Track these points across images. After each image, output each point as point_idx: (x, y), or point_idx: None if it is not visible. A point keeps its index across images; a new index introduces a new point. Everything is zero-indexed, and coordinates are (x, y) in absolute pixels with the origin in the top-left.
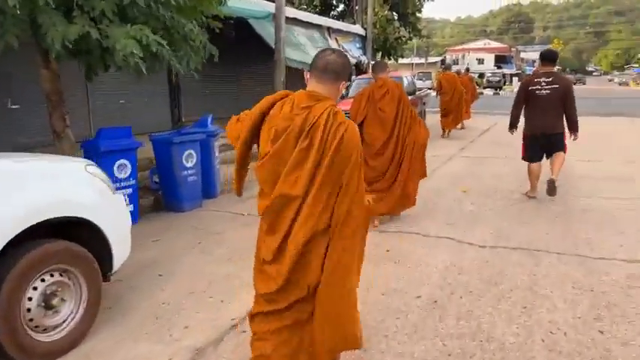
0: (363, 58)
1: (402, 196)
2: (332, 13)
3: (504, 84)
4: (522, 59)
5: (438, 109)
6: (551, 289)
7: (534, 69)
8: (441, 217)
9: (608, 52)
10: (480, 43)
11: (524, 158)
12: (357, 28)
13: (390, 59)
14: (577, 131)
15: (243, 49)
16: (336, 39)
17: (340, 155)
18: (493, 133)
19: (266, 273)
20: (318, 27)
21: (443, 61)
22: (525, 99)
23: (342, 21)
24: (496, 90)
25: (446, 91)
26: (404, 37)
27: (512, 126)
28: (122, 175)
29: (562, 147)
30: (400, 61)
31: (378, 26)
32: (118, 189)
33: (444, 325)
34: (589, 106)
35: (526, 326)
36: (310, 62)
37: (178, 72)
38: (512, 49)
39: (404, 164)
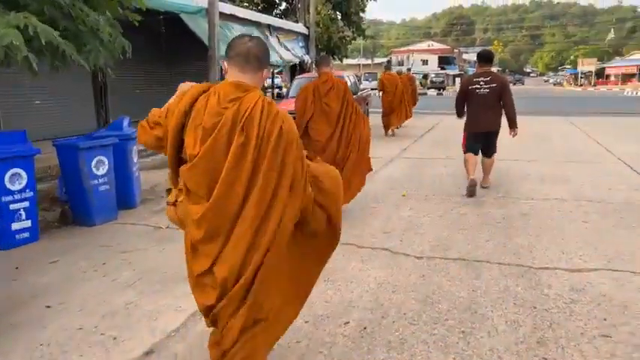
0: (307, 58)
1: (345, 192)
2: (275, 11)
3: (447, 85)
4: (465, 60)
5: (381, 109)
6: (491, 307)
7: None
8: (378, 225)
9: (543, 54)
10: (424, 45)
11: (464, 149)
12: (299, 27)
13: (334, 59)
14: (516, 127)
15: (176, 46)
16: (277, 37)
17: (281, 148)
18: (436, 133)
19: (205, 285)
20: (258, 24)
21: (389, 62)
22: (465, 97)
23: (285, 19)
24: (439, 90)
25: (388, 90)
26: (348, 36)
27: (460, 115)
28: (16, 187)
29: (495, 148)
30: (347, 61)
31: (321, 25)
32: (10, 202)
33: (371, 358)
34: (528, 105)
35: (464, 356)
36: (227, 50)
37: (104, 70)
38: (455, 50)
39: (350, 160)
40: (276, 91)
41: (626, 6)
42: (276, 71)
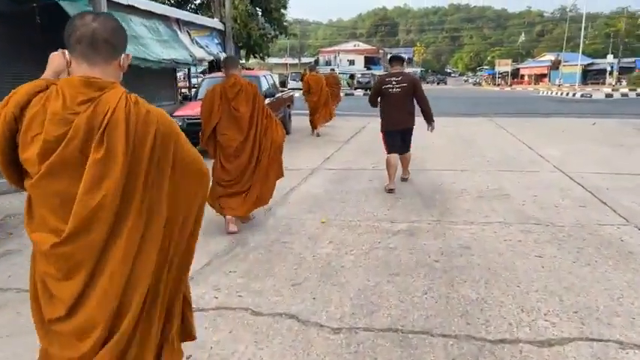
0: (222, 55)
1: (257, 200)
2: (190, 5)
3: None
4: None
5: (307, 110)
6: None
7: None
8: (286, 272)
9: (462, 55)
10: (350, 45)
11: (386, 150)
12: (214, 22)
13: (255, 57)
14: (433, 121)
15: (57, 39)
16: (188, 33)
17: (159, 157)
18: (362, 137)
19: (63, 334)
20: (165, 18)
21: (316, 62)
22: (379, 96)
23: (201, 15)
24: (366, 90)
25: (313, 91)
26: (269, 34)
27: (374, 105)
28: None
29: (409, 143)
30: (273, 60)
31: (239, 21)
32: None
33: None
34: (454, 106)
35: None
36: (65, 36)
37: None
38: (380, 51)
39: (261, 166)
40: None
41: (535, 10)
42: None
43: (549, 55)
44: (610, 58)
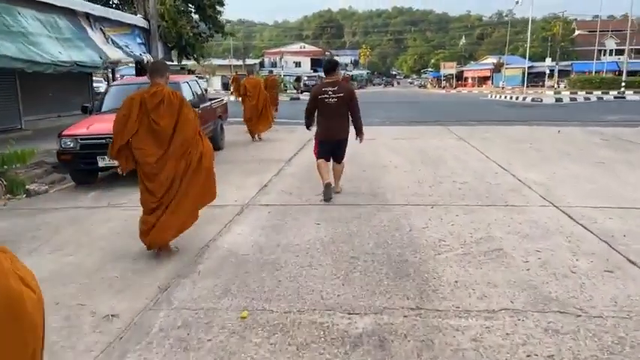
0: (147, 57)
1: (182, 224)
2: (112, 0)
3: None
4: None
5: (244, 117)
6: None
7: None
8: None
9: (407, 57)
10: (296, 47)
11: (315, 156)
12: (135, 19)
13: (188, 59)
14: (362, 134)
15: None
16: (102, 30)
17: None
18: (308, 153)
19: None
20: (69, 12)
21: (261, 63)
22: (315, 107)
23: (125, 11)
24: None
25: (251, 95)
26: (203, 33)
27: (309, 125)
28: None
29: (344, 154)
30: (217, 62)
31: (167, 18)
32: None
33: None
34: (402, 111)
35: None
36: (38, 60)
37: None
38: (327, 52)
39: (185, 186)
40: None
41: (474, 15)
42: (122, 73)
43: (491, 58)
44: (548, 61)
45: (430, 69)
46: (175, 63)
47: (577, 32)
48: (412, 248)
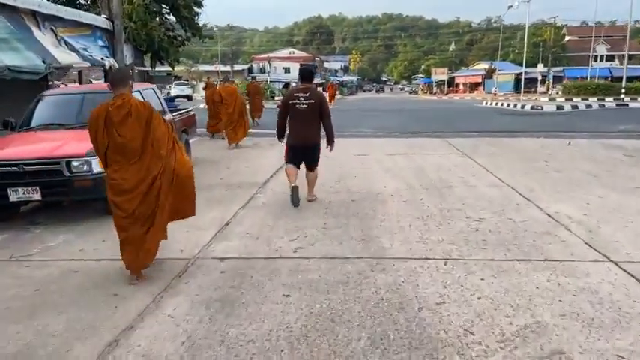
0: (109, 61)
1: (151, 248)
2: (79, 1)
3: None
4: (326, 69)
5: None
6: None
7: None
8: None
9: (397, 63)
10: (285, 52)
11: (285, 160)
12: (94, 18)
13: (162, 64)
14: (333, 142)
15: None
16: (53, 30)
17: None
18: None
19: None
20: (9, 8)
21: (250, 69)
22: (287, 112)
23: (88, 11)
24: None
25: (228, 102)
26: (179, 36)
27: (280, 137)
28: None
29: (317, 160)
30: (204, 67)
31: (135, 19)
32: None
33: None
34: (395, 120)
35: None
36: None
37: None
38: (317, 58)
39: (161, 204)
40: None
41: (463, 21)
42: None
43: (483, 64)
44: (540, 67)
45: (421, 75)
46: (148, 69)
47: (567, 38)
48: (426, 350)
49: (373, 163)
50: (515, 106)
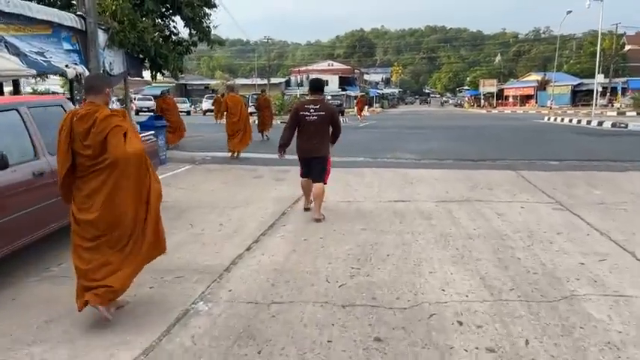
0: (77, 69)
1: (133, 271)
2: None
3: (347, 107)
4: (366, 81)
5: None
6: None
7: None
8: None
9: (441, 75)
10: (323, 64)
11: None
12: (60, 15)
13: (162, 75)
14: (334, 143)
15: None
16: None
17: None
18: (280, 247)
19: None
20: None
21: (287, 82)
22: (297, 123)
23: (69, 11)
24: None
25: (233, 112)
26: (184, 41)
27: (283, 147)
28: None
29: (323, 173)
30: (242, 81)
31: (120, 18)
32: None
33: None
34: (446, 140)
35: None
36: None
37: None
38: (356, 70)
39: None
40: None
41: (510, 32)
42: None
43: (535, 75)
44: (601, 77)
45: (467, 87)
46: (148, 79)
47: (628, 47)
48: None
49: (417, 221)
50: (589, 122)
